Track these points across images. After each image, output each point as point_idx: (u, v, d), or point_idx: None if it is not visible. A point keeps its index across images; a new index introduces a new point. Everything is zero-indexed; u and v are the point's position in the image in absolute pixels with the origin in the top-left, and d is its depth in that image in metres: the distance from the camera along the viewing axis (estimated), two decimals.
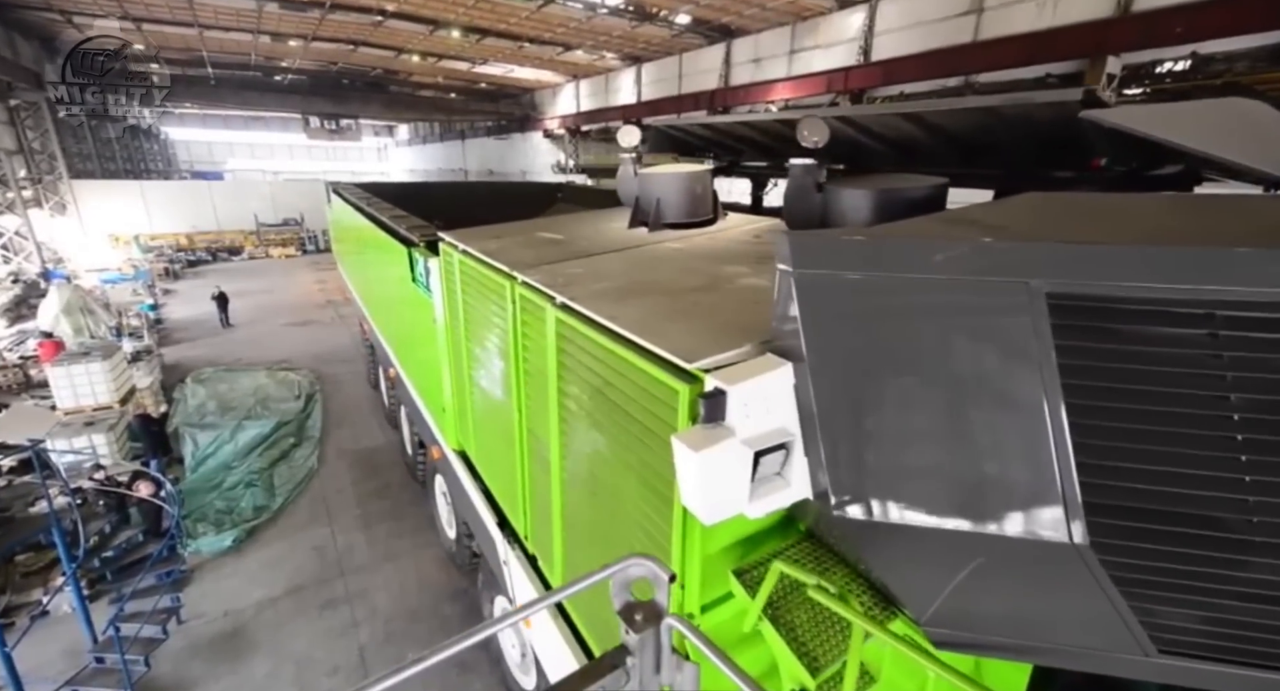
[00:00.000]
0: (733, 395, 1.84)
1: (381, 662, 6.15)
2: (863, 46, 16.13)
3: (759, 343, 2.16)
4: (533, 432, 3.79)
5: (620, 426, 2.65)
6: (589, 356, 2.83)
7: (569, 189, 13.78)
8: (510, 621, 1.15)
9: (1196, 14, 10.05)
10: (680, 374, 2.19)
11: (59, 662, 6.18)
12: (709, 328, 2.47)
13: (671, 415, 2.23)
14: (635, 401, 2.50)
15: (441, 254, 5.04)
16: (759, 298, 2.73)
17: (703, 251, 3.96)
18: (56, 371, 10.30)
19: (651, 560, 1.16)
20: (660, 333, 2.44)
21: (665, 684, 1.19)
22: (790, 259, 1.81)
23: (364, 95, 33.30)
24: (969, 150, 3.75)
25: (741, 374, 1.89)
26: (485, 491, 5.23)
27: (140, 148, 38.04)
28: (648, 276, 3.37)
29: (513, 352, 3.74)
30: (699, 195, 4.64)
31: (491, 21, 20.98)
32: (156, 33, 22.82)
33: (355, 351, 15.08)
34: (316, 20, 20.84)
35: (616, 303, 2.86)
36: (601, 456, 2.92)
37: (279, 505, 8.85)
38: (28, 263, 21.01)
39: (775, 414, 1.92)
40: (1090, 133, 2.92)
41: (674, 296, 2.95)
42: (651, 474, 2.48)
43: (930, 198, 3.00)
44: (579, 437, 3.16)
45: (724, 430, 1.86)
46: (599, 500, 3.05)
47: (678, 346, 2.27)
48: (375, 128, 51.67)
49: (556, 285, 3.19)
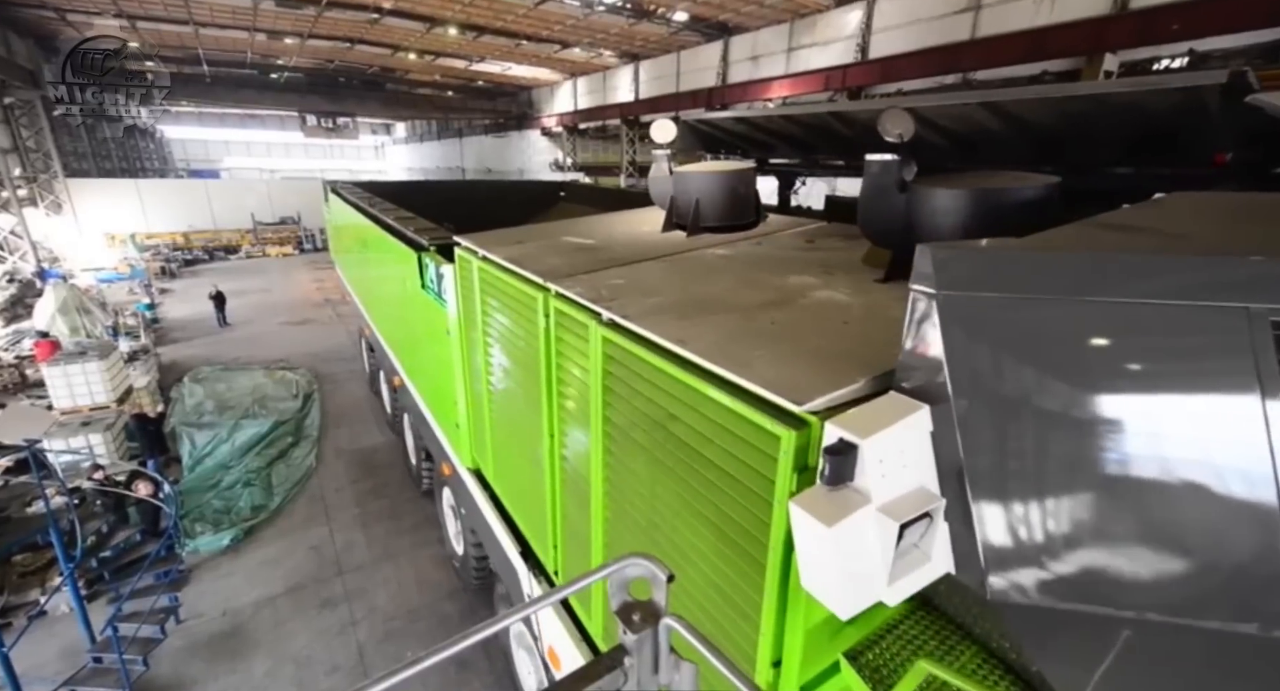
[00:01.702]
0: (867, 449, 1.48)
1: (381, 661, 6.15)
2: (860, 44, 16.13)
3: (872, 377, 1.85)
4: (568, 462, 3.44)
5: (690, 469, 2.28)
6: (648, 384, 2.47)
7: (572, 187, 13.73)
8: (509, 621, 1.14)
9: (1193, 11, 10.06)
10: (782, 416, 1.81)
11: (57, 663, 6.17)
12: (799, 355, 2.11)
13: (767, 465, 1.86)
14: (713, 442, 2.13)
15: (458, 260, 4.71)
16: (845, 316, 2.49)
17: (754, 258, 3.60)
18: (53, 371, 10.28)
19: (649, 559, 1.16)
20: (743, 361, 2.07)
21: (663, 684, 1.19)
22: (932, 277, 1.51)
23: (361, 93, 33.21)
24: (1045, 144, 3.36)
25: (873, 421, 1.53)
26: (503, 512, 4.89)
27: (136, 146, 37.93)
28: (703, 288, 2.99)
29: (544, 372, 3.39)
30: (741, 196, 4.29)
31: (488, 19, 20.92)
32: (152, 30, 22.72)
33: (353, 350, 15.05)
34: (312, 18, 20.76)
35: (679, 321, 2.51)
36: (662, 500, 2.53)
37: (277, 504, 8.84)
38: (23, 262, 20.92)
39: (912, 470, 1.58)
40: (1219, 122, 2.54)
41: (743, 314, 2.58)
42: (735, 529, 2.09)
43: (1042, 200, 2.58)
44: (629, 474, 2.76)
45: (856, 494, 1.51)
46: (655, 547, 2.62)
47: (772, 379, 1.91)
48: (372, 126, 51.57)
49: (601, 299, 2.83)
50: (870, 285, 2.88)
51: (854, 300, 2.70)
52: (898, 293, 2.53)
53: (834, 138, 4.47)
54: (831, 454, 1.51)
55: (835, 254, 3.60)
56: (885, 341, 2.07)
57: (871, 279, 2.94)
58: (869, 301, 2.67)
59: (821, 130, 4.59)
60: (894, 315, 2.25)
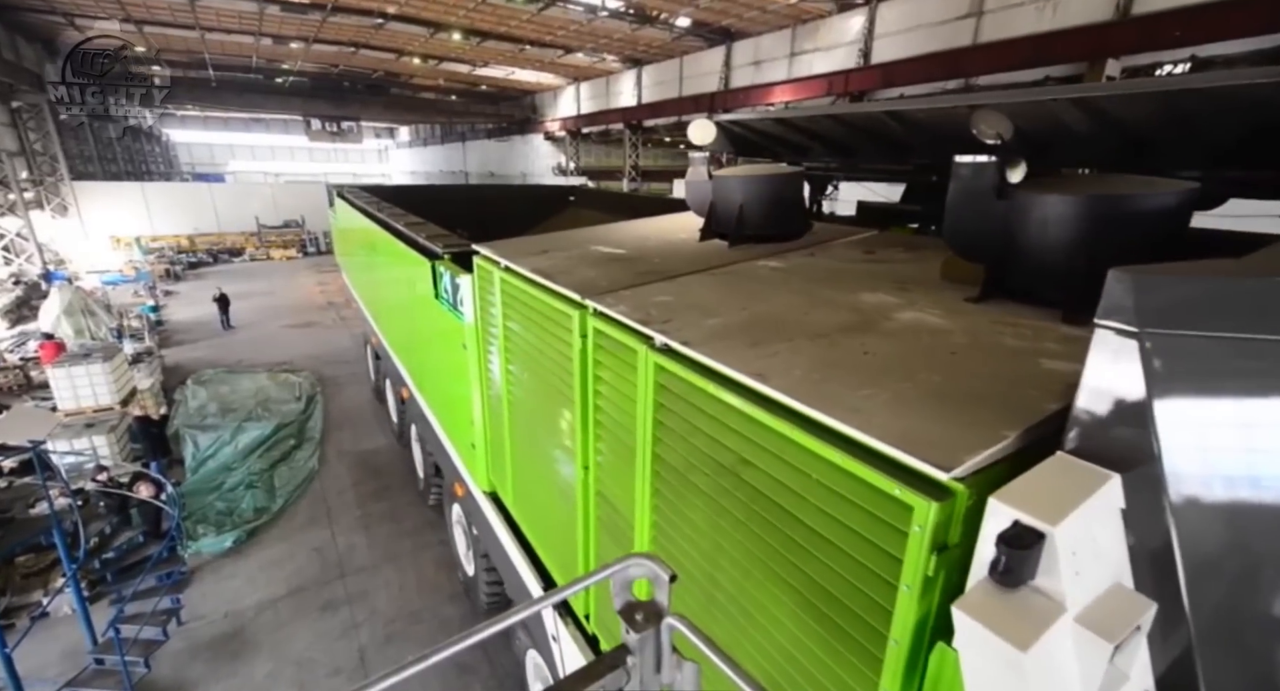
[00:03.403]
0: (1060, 538, 1.14)
1: (382, 663, 6.14)
2: (863, 49, 16.17)
3: (1023, 430, 1.49)
4: (605, 499, 3.10)
5: (769, 526, 1.92)
6: (713, 422, 2.14)
7: (582, 192, 13.70)
8: (508, 623, 1.15)
9: (1195, 17, 10.08)
10: (914, 480, 1.45)
11: (59, 664, 6.17)
12: (914, 397, 1.73)
13: (890, 539, 1.51)
14: (806, 500, 1.77)
15: (476, 270, 4.38)
16: (947, 344, 2.10)
17: (813, 272, 3.22)
18: (57, 373, 10.31)
19: (652, 559, 1.17)
20: (848, 404, 1.70)
21: (666, 683, 1.19)
22: (1132, 312, 1.20)
23: (365, 97, 33.36)
24: (1133, 145, 3.00)
25: (1057, 497, 1.20)
26: (522, 541, 4.56)
27: (142, 149, 38.15)
28: (766, 308, 2.63)
29: (579, 398, 3.07)
30: (789, 202, 3.99)
31: (492, 24, 21.03)
32: (158, 35, 22.89)
33: (356, 353, 15.09)
34: (317, 23, 20.89)
35: (750, 349, 2.17)
36: (726, 555, 2.18)
37: (279, 506, 8.85)
38: (29, 264, 21.03)
39: (1104, 562, 1.23)
40: None
41: (825, 341, 2.20)
42: (835, 607, 1.71)
43: (1181, 210, 2.21)
44: (683, 521, 2.42)
45: (1042, 600, 1.17)
46: (718, 608, 2.26)
47: (899, 432, 1.54)
48: (376, 130, 51.80)
49: (652, 320, 2.51)
50: (961, 304, 2.52)
51: (949, 324, 2.31)
52: (999, 314, 2.33)
53: (882, 139, 4.22)
54: (1011, 545, 1.16)
55: (903, 267, 3.22)
56: (1011, 379, 1.78)
57: (960, 297, 2.60)
58: (970, 326, 2.27)
59: (869, 131, 4.32)
60: (1008, 344, 2.06)
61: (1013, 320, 2.27)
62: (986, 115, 2.43)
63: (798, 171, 4.13)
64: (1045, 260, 2.27)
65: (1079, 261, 2.11)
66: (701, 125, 4.08)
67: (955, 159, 2.52)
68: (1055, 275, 2.26)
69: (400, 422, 10.21)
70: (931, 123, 3.70)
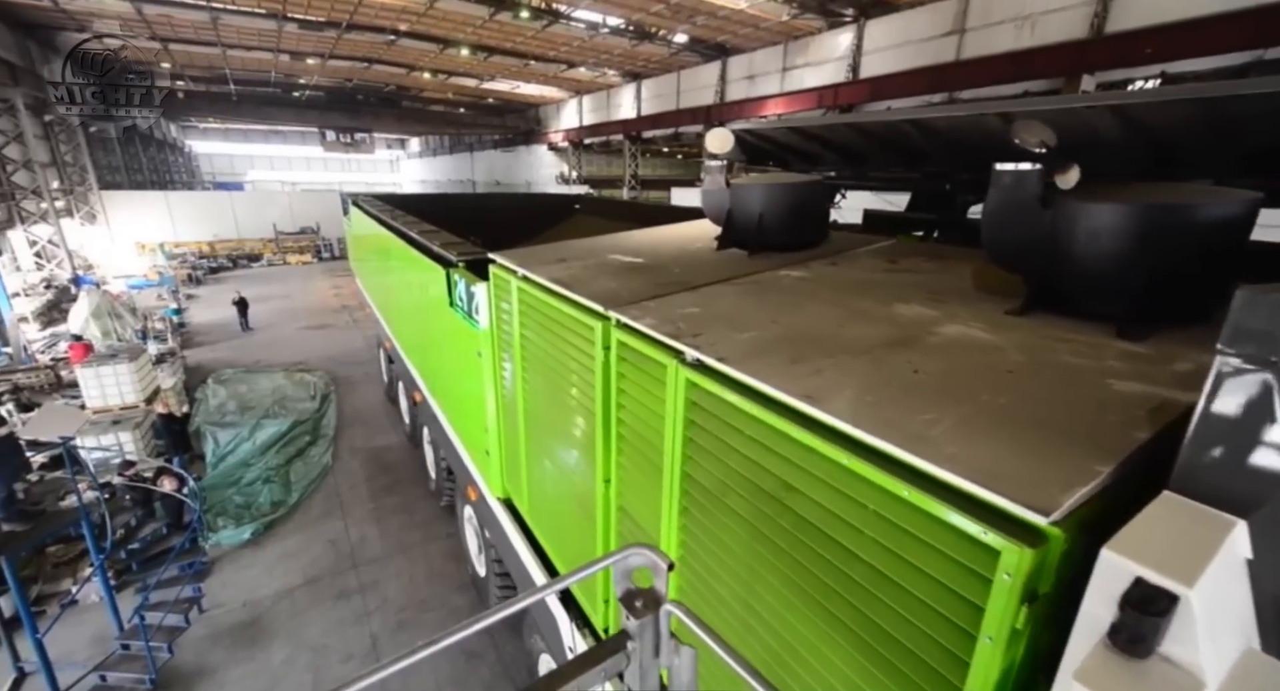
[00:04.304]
0: (1196, 602, 0.94)
1: (393, 649, 6.11)
2: (851, 64, 16.21)
3: (1116, 464, 1.28)
4: (627, 513, 2.92)
5: (819, 558, 1.72)
6: (751, 444, 1.93)
7: (587, 200, 13.57)
8: (512, 610, 1.16)
9: (1166, 36, 10.13)
10: (999, 521, 1.24)
11: (88, 648, 6.18)
12: (982, 423, 1.52)
13: (969, 585, 1.30)
14: (863, 533, 1.56)
15: (493, 279, 4.20)
16: (1002, 362, 1.87)
17: (839, 282, 3.01)
18: (86, 372, 10.30)
19: (651, 549, 1.18)
20: (911, 432, 1.50)
21: (664, 667, 1.20)
22: (1274, 338, 1.02)
23: (377, 110, 33.39)
24: (1160, 152, 2.82)
25: (1185, 551, 1.00)
26: (537, 548, 4.38)
27: (166, 160, 38.15)
28: (798, 320, 2.41)
29: (600, 410, 2.88)
30: (809, 211, 3.83)
31: (499, 40, 21.06)
32: (182, 52, 22.93)
33: (368, 354, 15.07)
34: (333, 39, 20.92)
35: (791, 366, 1.95)
36: (766, 584, 1.97)
37: (295, 500, 8.84)
38: (59, 269, 21.00)
39: (1233, 621, 1.06)
40: None
41: (870, 358, 1.99)
42: (904, 656, 1.50)
43: (1243, 221, 1.99)
44: (716, 544, 2.21)
45: (1173, 671, 0.97)
46: (755, 637, 2.06)
47: (979, 467, 1.33)
48: (388, 141, 51.79)
49: (682, 334, 2.31)
50: (1002, 317, 2.31)
51: (997, 338, 2.09)
52: (1047, 328, 2.12)
53: (897, 148, 4.05)
54: (1138, 608, 0.96)
55: (931, 277, 2.99)
56: (1083, 403, 1.57)
57: (999, 309, 2.38)
58: (1021, 341, 2.04)
59: (885, 140, 4.10)
60: (1067, 362, 1.84)
61: (1064, 335, 2.06)
62: (1028, 124, 2.23)
63: (817, 180, 3.93)
64: (1097, 272, 2.05)
65: (1136, 275, 1.94)
66: (719, 134, 3.89)
67: (996, 167, 2.28)
68: (1108, 288, 2.07)
69: (413, 425, 10.08)
70: (953, 131, 3.51)
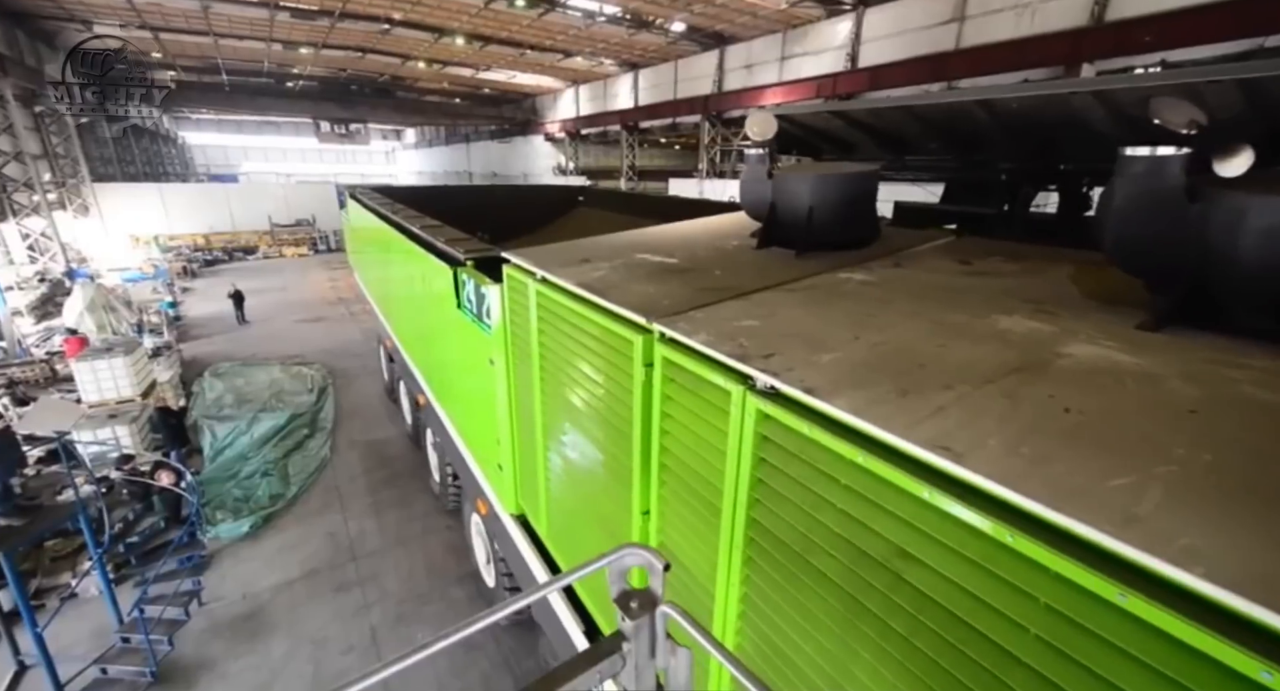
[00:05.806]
0: None
1: (393, 641, 6.16)
2: (850, 53, 16.08)
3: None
4: (669, 552, 2.51)
5: (959, 655, 1.34)
6: (853, 496, 1.57)
7: (591, 192, 13.35)
8: (512, 609, 1.15)
9: (1165, 24, 10.06)
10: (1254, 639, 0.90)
11: (87, 642, 6.19)
12: (1193, 490, 1.16)
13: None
14: (1027, 632, 1.20)
15: (507, 281, 3.80)
16: (1173, 398, 1.49)
17: (912, 287, 2.60)
18: (81, 366, 10.25)
19: (646, 549, 1.16)
20: (1098, 500, 1.14)
21: (660, 668, 1.19)
22: None
23: (372, 100, 33.11)
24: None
25: None
26: (555, 568, 4.07)
27: (159, 152, 37.80)
28: (883, 338, 2.02)
29: (639, 434, 2.53)
30: (863, 205, 3.39)
31: (494, 29, 20.84)
32: (173, 42, 22.65)
33: (365, 347, 15.02)
34: (326, 28, 20.67)
35: (900, 399, 1.58)
36: (874, 673, 1.58)
37: (294, 493, 8.84)
38: (53, 262, 20.85)
39: None
40: None
41: (995, 390, 1.60)
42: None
43: None
44: (794, 606, 1.84)
45: None
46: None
47: (1247, 575, 0.96)
48: (383, 132, 51.44)
49: (749, 355, 1.94)
50: (1136, 334, 1.92)
51: (1147, 363, 1.70)
52: (1202, 349, 1.76)
53: (953, 134, 3.68)
54: None
55: (1019, 280, 2.61)
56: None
57: (1124, 323, 2.00)
58: (1180, 367, 1.66)
59: (940, 125, 3.67)
60: (1255, 396, 1.47)
61: (1230, 358, 1.71)
62: (1166, 105, 1.87)
63: (873, 169, 3.46)
64: (1270, 282, 1.71)
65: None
66: (762, 117, 3.45)
67: (1125, 152, 1.91)
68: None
69: (415, 427, 9.82)
70: (1026, 113, 3.17)
